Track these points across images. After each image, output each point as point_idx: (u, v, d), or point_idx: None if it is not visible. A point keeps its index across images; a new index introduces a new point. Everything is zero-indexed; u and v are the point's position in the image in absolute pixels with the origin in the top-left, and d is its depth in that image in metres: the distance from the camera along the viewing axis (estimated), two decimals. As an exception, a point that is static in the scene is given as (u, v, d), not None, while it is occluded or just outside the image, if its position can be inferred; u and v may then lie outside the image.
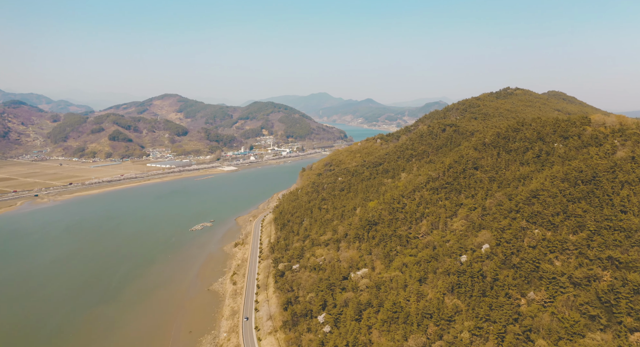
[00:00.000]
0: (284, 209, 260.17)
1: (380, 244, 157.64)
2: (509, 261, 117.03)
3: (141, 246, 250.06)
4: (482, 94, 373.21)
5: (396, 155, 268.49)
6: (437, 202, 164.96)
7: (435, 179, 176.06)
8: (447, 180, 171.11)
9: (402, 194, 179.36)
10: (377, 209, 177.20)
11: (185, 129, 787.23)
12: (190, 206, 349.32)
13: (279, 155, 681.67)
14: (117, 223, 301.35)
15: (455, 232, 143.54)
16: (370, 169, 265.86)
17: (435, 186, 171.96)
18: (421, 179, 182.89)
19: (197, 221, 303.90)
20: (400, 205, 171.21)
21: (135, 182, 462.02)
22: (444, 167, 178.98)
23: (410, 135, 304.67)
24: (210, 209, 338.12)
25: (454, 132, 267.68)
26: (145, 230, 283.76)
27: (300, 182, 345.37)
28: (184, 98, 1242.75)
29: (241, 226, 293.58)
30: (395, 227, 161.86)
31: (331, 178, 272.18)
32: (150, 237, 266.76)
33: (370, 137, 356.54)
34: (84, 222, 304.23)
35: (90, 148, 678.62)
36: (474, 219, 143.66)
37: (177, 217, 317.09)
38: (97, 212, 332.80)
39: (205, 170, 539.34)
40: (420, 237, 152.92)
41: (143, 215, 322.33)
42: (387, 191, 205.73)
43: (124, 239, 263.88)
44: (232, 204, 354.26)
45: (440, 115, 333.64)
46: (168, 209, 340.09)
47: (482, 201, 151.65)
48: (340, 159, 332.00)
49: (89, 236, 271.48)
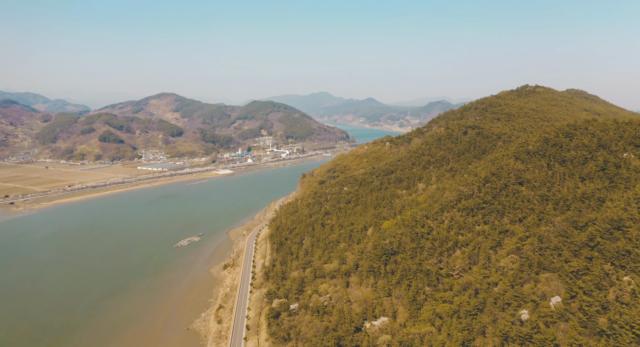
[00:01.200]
0: (281, 224, 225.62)
1: (402, 282, 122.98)
2: (594, 325, 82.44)
3: (116, 268, 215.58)
4: (501, 92, 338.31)
5: (410, 162, 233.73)
6: (473, 227, 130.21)
7: (468, 196, 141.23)
8: (485, 198, 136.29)
9: (425, 214, 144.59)
10: (395, 232, 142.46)
11: (180, 130, 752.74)
12: (177, 216, 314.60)
13: (278, 158, 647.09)
14: (93, 238, 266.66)
15: (504, 272, 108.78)
16: (381, 177, 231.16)
17: (469, 205, 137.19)
18: (449, 196, 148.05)
19: (184, 234, 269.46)
20: (426, 229, 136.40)
21: (121, 187, 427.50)
22: (479, 181, 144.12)
23: (425, 138, 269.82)
24: (199, 220, 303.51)
25: (477, 135, 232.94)
26: (124, 246, 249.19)
27: (301, 190, 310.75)
28: (181, 97, 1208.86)
29: (233, 241, 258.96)
30: (420, 259, 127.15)
31: (336, 188, 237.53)
32: (127, 256, 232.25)
33: (377, 140, 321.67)
34: (57, 236, 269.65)
35: (79, 150, 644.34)
36: (529, 253, 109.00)
37: (162, 229, 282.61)
38: (74, 224, 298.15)
39: (199, 174, 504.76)
40: (455, 274, 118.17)
41: (124, 228, 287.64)
42: (404, 208, 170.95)
43: (98, 259, 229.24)
44: (224, 214, 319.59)
45: (456, 116, 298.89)
46: (152, 220, 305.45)
47: (535, 228, 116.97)
48: (344, 164, 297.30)
49: (58, 254, 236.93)
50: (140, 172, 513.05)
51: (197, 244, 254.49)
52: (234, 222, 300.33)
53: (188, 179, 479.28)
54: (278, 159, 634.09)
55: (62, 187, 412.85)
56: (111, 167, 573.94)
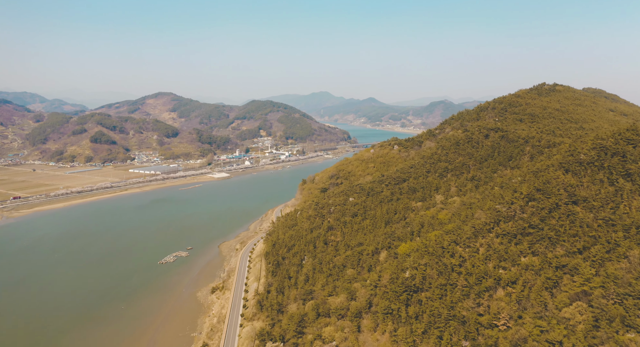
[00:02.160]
0: (278, 239, 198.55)
1: (430, 332, 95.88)
2: None
3: (90, 290, 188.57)
4: (518, 90, 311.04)
5: (425, 169, 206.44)
6: (517, 259, 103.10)
7: (508, 217, 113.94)
8: (530, 220, 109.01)
9: (454, 239, 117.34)
10: (417, 262, 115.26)
11: (176, 130, 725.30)
12: (165, 226, 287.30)
13: (277, 159, 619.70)
14: (69, 253, 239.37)
15: (571, 328, 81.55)
16: (392, 186, 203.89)
17: (510, 230, 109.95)
18: (482, 216, 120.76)
19: (170, 248, 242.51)
20: (456, 260, 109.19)
21: (109, 192, 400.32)
22: (520, 198, 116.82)
23: (439, 141, 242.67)
24: (189, 231, 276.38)
25: (501, 138, 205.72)
26: (102, 263, 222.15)
27: (301, 197, 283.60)
28: (178, 96, 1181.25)
29: (225, 256, 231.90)
30: (452, 300, 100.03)
31: (340, 198, 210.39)
32: (105, 275, 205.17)
33: (384, 143, 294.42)
34: (30, 251, 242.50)
35: (70, 151, 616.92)
36: (601, 301, 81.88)
37: (147, 242, 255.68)
38: (51, 236, 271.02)
39: (193, 178, 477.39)
40: (500, 325, 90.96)
41: (105, 240, 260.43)
42: (423, 227, 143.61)
43: (70, 279, 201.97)
44: (217, 224, 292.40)
45: (472, 117, 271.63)
46: (138, 231, 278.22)
47: (607, 263, 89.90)
48: (349, 169, 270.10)
49: (26, 272, 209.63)
50: (132, 175, 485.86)
51: (184, 260, 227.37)
52: (227, 233, 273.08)
53: (181, 183, 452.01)
54: (277, 161, 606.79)
55: (46, 193, 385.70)
56: (102, 169, 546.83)
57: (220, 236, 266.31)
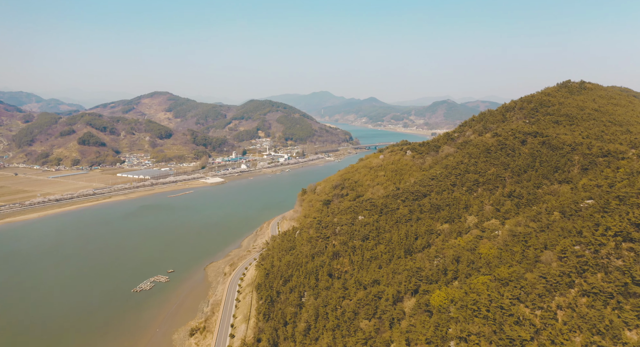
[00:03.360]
0: (272, 267, 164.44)
1: None
2: None
3: (43, 331, 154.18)
4: (546, 88, 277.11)
5: (449, 181, 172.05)
6: (620, 332, 68.77)
7: (599, 266, 79.46)
8: (634, 272, 74.60)
9: (517, 295, 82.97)
10: (464, 327, 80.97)
11: (169, 131, 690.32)
12: (146, 243, 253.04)
13: (276, 162, 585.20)
14: (30, 276, 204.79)
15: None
16: (409, 202, 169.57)
17: (602, 287, 75.60)
18: (551, 259, 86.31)
19: (149, 270, 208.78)
20: (526, 332, 74.74)
21: (91, 200, 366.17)
22: (610, 238, 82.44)
23: (460, 146, 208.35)
24: (173, 248, 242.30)
25: (541, 145, 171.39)
26: (65, 291, 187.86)
27: (300, 209, 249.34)
28: (175, 96, 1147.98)
29: (210, 282, 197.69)
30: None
31: (347, 215, 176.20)
32: (64, 309, 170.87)
33: (394, 147, 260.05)
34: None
35: (56, 154, 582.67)
36: None
37: (123, 262, 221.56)
38: (15, 256, 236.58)
39: (184, 183, 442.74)
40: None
41: (73, 262, 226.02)
42: (461, 264, 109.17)
43: (22, 314, 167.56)
44: (205, 239, 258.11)
45: (496, 118, 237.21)
46: (114, 249, 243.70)
47: None
48: (355, 178, 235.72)
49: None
50: (119, 180, 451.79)
51: (163, 287, 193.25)
52: (216, 251, 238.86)
53: (171, 189, 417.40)
54: (275, 164, 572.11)
55: (21, 202, 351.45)
56: (88, 174, 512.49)
57: (207, 255, 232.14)
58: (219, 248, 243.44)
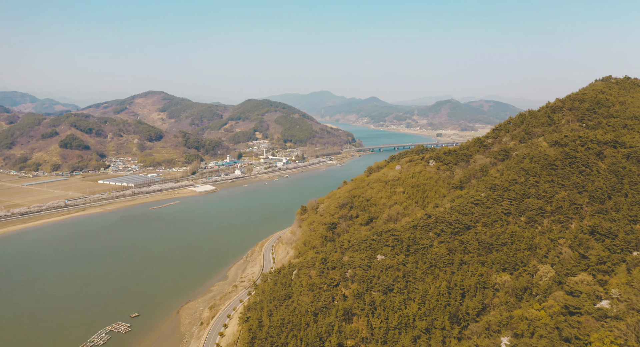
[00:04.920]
0: (261, 326, 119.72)
1: None
2: None
3: None
4: (591, 83, 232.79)
5: (500, 208, 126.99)
6: None
7: None
8: None
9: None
10: None
11: (160, 133, 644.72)
12: (108, 276, 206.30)
13: (273, 167, 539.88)
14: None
15: None
16: (447, 237, 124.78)
17: None
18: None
19: (108, 314, 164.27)
20: None
21: (62, 213, 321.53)
22: None
23: (499, 155, 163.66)
24: (141, 283, 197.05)
25: (626, 159, 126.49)
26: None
27: (300, 232, 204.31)
28: (169, 96, 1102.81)
29: (184, 334, 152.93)
30: None
31: (362, 254, 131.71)
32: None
33: (414, 156, 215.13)
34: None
35: (35, 158, 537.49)
36: None
37: (77, 304, 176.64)
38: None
39: (170, 192, 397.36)
40: None
41: (20, 301, 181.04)
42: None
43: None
44: (182, 269, 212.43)
45: (540, 120, 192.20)
46: (71, 283, 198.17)
47: None
48: (367, 195, 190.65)
49: None
50: (99, 188, 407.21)
51: (121, 339, 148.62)
52: (195, 285, 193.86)
53: (155, 199, 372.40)
54: (273, 169, 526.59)
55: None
56: (67, 180, 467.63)
57: (184, 290, 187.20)
58: (200, 280, 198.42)
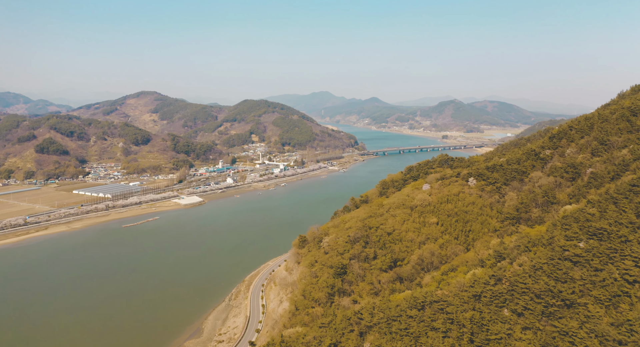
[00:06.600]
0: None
1: None
2: None
3: None
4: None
5: (619, 271, 79.42)
6: None
7: None
8: None
9: None
10: None
11: (147, 136, 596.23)
12: (51, 328, 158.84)
13: (270, 174, 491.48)
14: None
15: None
16: (534, 320, 76.72)
17: None
18: None
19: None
20: None
21: (18, 233, 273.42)
22: None
23: (566, 172, 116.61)
24: (103, 332, 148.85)
25: None
26: None
27: (298, 272, 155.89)
28: (163, 96, 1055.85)
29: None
30: None
31: (395, 343, 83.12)
32: None
33: (447, 172, 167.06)
34: None
35: (7, 164, 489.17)
36: None
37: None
38: None
39: (150, 206, 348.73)
40: None
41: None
42: None
43: None
44: (145, 321, 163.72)
45: (615, 126, 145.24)
46: (12, 331, 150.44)
47: None
48: (387, 227, 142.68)
49: None
50: (70, 201, 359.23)
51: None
52: (168, 336, 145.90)
53: (132, 214, 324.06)
54: (269, 176, 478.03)
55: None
56: (40, 190, 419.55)
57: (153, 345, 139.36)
58: (167, 337, 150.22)
